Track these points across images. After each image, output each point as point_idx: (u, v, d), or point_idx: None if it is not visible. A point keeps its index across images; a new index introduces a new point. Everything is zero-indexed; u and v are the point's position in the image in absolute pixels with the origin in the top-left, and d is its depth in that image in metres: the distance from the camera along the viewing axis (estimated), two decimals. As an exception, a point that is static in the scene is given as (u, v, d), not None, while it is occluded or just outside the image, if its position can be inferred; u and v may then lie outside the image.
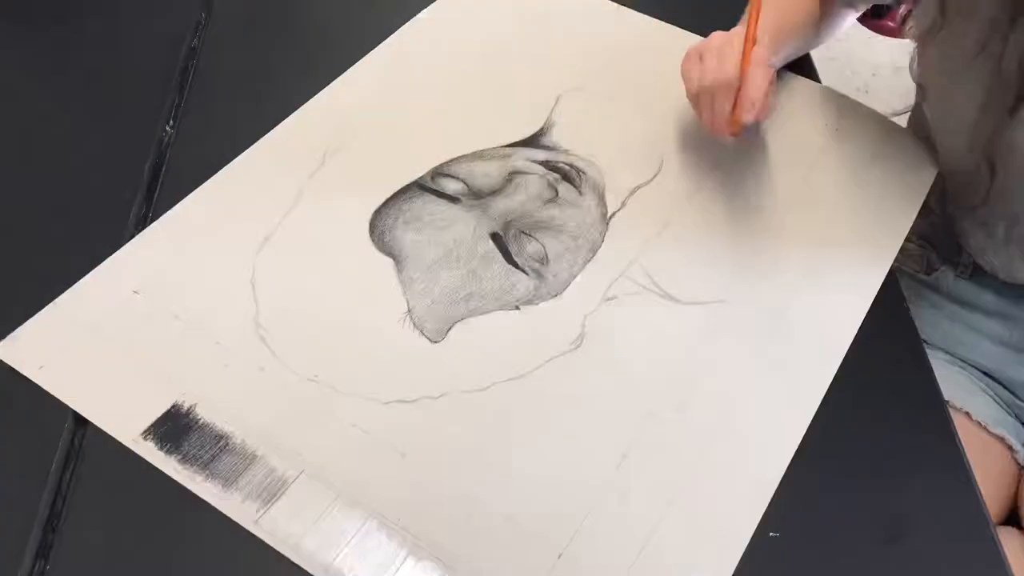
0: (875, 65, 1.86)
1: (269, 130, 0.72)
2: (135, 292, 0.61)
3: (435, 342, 0.60)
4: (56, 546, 0.51)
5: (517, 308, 0.63)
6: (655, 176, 0.71)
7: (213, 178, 0.69)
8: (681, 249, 0.66)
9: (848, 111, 0.76)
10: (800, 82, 0.78)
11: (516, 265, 0.65)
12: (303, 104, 0.74)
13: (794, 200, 0.69)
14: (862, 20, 1.48)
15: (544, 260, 0.65)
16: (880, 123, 0.75)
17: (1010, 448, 0.71)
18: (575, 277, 0.64)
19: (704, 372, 0.60)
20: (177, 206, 0.67)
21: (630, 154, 0.72)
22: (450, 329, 0.61)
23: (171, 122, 0.74)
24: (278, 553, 0.51)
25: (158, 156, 0.71)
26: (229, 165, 0.70)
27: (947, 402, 0.62)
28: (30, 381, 0.56)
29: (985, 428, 0.73)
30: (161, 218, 0.66)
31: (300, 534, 0.51)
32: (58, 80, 0.77)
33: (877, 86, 1.80)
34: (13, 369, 0.57)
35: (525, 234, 0.67)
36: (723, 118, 0.64)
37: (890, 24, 1.45)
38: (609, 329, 0.62)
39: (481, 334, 0.61)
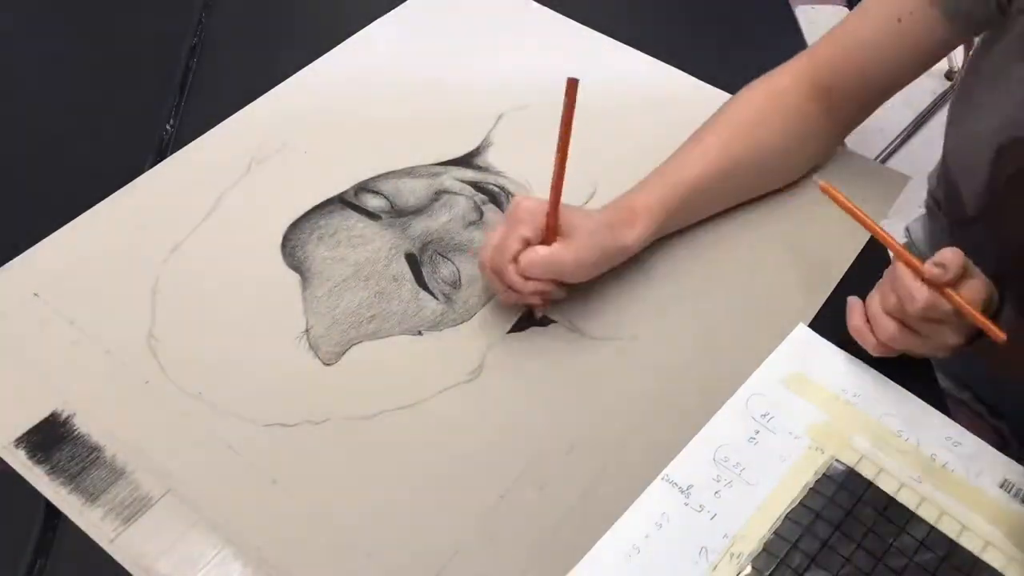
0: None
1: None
2: (35, 294, 0.61)
3: (328, 364, 0.59)
4: (55, 543, 0.52)
5: (420, 333, 0.61)
6: (586, 203, 0.69)
7: (134, 182, 0.68)
8: (596, 282, 0.64)
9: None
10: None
11: (426, 288, 0.63)
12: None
13: (724, 234, 0.67)
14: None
15: (456, 284, 0.64)
16: (835, 154, 0.72)
17: (1003, 439, 0.69)
18: (485, 304, 0.63)
19: (601, 412, 0.58)
20: (93, 208, 0.66)
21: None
22: (346, 352, 0.60)
23: (171, 121, 0.74)
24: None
25: (158, 155, 0.71)
26: (151, 169, 0.69)
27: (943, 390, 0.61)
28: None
29: (982, 416, 0.70)
30: (74, 220, 0.65)
31: (154, 556, 0.51)
32: (58, 79, 0.78)
33: None
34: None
35: (441, 256, 0.65)
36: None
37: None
38: (509, 362, 0.60)
39: (377, 359, 0.60)
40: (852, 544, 0.51)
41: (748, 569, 0.50)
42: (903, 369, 0.58)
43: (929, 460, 0.55)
